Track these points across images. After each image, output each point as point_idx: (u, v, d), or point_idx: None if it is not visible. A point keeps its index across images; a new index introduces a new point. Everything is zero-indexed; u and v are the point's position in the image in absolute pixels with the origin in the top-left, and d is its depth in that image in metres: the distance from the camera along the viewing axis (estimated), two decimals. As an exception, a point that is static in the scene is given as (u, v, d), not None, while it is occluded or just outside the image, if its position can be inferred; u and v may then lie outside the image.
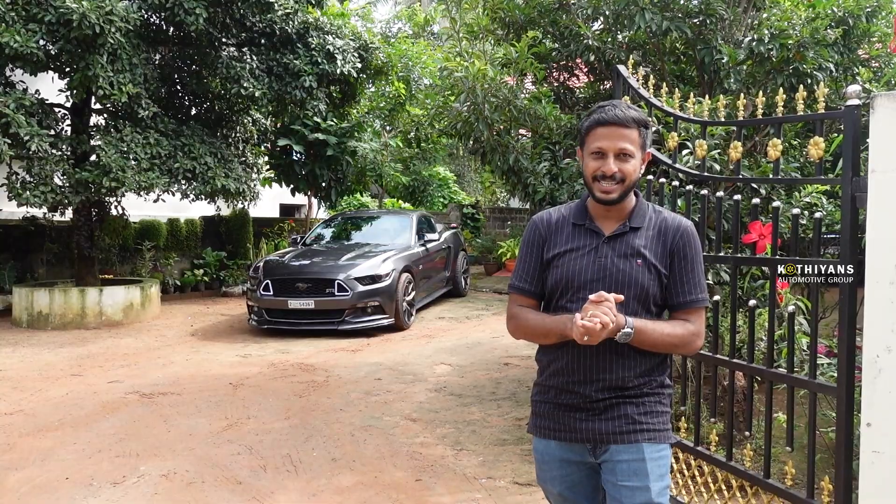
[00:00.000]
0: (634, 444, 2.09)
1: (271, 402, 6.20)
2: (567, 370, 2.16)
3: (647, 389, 2.14)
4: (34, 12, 8.40)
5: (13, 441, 5.16)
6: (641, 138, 2.13)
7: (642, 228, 2.15)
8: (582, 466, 2.20)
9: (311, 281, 9.43)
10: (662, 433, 2.14)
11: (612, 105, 2.14)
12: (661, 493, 2.11)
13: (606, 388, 2.11)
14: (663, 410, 2.17)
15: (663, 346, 2.09)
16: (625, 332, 1.99)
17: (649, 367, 2.14)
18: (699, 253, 2.17)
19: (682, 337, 2.10)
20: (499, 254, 16.47)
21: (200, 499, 4.14)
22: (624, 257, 2.12)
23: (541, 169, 5.53)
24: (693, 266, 2.14)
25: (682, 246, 2.14)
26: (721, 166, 4.47)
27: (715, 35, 5.44)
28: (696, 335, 2.12)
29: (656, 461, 2.11)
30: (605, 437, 2.11)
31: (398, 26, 22.29)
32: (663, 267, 2.13)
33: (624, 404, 2.11)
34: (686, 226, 2.17)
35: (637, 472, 2.08)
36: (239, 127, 12.30)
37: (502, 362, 7.73)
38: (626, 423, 2.10)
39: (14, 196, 9.02)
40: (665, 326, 2.09)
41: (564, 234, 2.22)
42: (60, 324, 9.95)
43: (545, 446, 2.24)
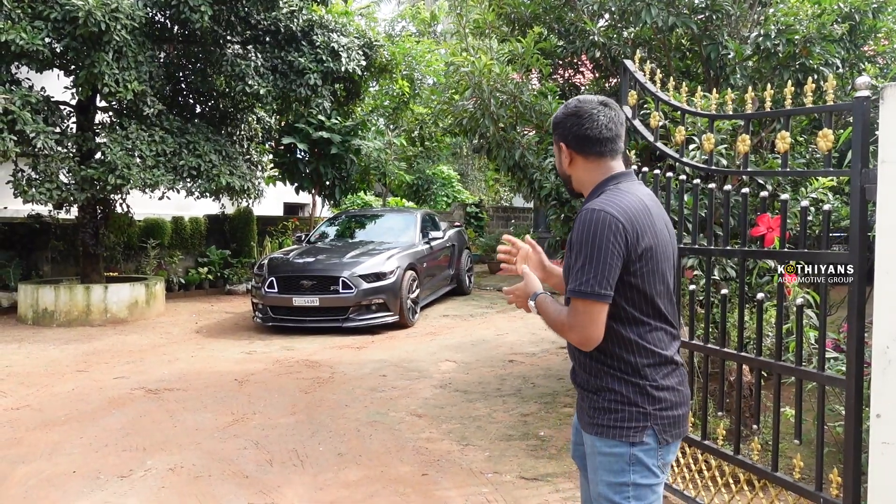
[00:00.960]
0: (588, 435, 2.16)
1: (277, 397, 6.20)
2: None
3: (599, 383, 2.10)
4: (40, 9, 8.43)
5: (20, 435, 5.17)
6: (554, 135, 2.27)
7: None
8: (581, 445, 2.29)
9: (315, 278, 9.44)
10: (613, 430, 2.06)
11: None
12: (613, 489, 2.06)
13: (574, 372, 2.24)
14: (618, 408, 2.07)
15: (549, 324, 2.14)
16: (529, 303, 2.20)
17: (591, 364, 2.12)
18: (587, 239, 1.99)
19: (560, 323, 2.07)
20: (503, 252, 16.44)
21: (207, 492, 4.15)
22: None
23: (547, 164, 5.53)
24: (577, 252, 2.02)
25: (574, 232, 2.05)
26: (728, 161, 4.47)
27: (721, 31, 5.44)
28: (567, 325, 2.03)
29: (607, 456, 2.08)
30: (580, 422, 2.23)
31: (401, 25, 22.30)
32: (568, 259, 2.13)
33: (582, 398, 2.20)
34: (582, 210, 2.05)
35: (591, 463, 2.16)
36: (243, 125, 12.32)
37: (507, 359, 7.73)
38: (583, 414, 2.19)
39: (20, 193, 9.04)
40: (556, 307, 2.12)
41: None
42: (66, 321, 9.97)
43: (574, 419, 2.39)
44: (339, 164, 14.49)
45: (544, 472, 4.40)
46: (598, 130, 2.12)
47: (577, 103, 2.16)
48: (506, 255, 2.47)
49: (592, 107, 2.13)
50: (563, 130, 2.17)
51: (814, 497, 3.02)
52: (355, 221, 12.49)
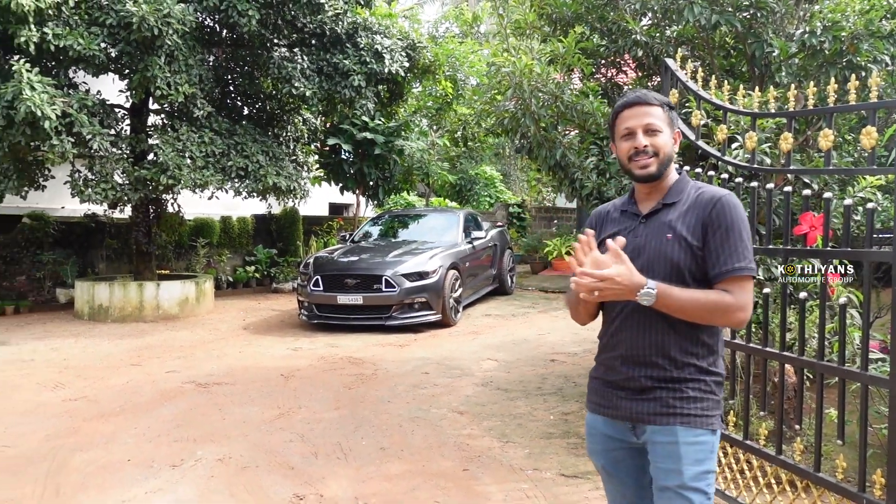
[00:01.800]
0: (668, 427, 2.11)
1: (321, 393, 6.33)
2: (610, 345, 2.24)
3: (686, 374, 2.12)
4: (96, 16, 8.72)
5: (78, 425, 5.39)
6: (667, 116, 2.22)
7: (678, 203, 2.19)
8: (624, 444, 2.24)
9: (359, 277, 9.57)
10: (700, 419, 2.11)
11: (632, 90, 2.28)
12: (698, 479, 2.08)
13: (643, 364, 2.15)
14: (703, 397, 2.12)
15: (693, 310, 2.04)
16: (645, 292, 1.99)
17: (689, 348, 2.13)
18: (738, 222, 2.09)
19: (715, 303, 2.03)
20: (545, 252, 16.44)
21: (255, 482, 4.28)
22: (656, 233, 2.17)
23: (588, 164, 5.55)
24: (729, 235, 2.08)
25: (715, 216, 2.09)
26: (772, 160, 4.44)
27: (766, 28, 5.39)
28: (735, 306, 2.04)
29: (692, 445, 2.09)
30: (642, 417, 2.15)
31: (445, 26, 22.40)
32: (695, 239, 2.11)
33: (660, 388, 2.13)
34: (721, 196, 2.13)
35: (671, 454, 2.10)
36: (290, 126, 12.54)
37: (548, 359, 7.76)
38: (660, 406, 2.12)
39: (77, 193, 9.36)
40: (695, 293, 2.05)
41: (613, 220, 2.32)
42: (120, 316, 10.30)
43: (593, 420, 2.32)
44: (383, 165, 14.64)
45: (584, 470, 4.43)
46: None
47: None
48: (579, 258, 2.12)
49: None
50: (672, 115, 2.25)
51: (857, 498, 3.00)
52: (398, 221, 12.61)
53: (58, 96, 8.23)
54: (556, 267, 16.21)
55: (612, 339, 2.23)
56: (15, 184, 9.28)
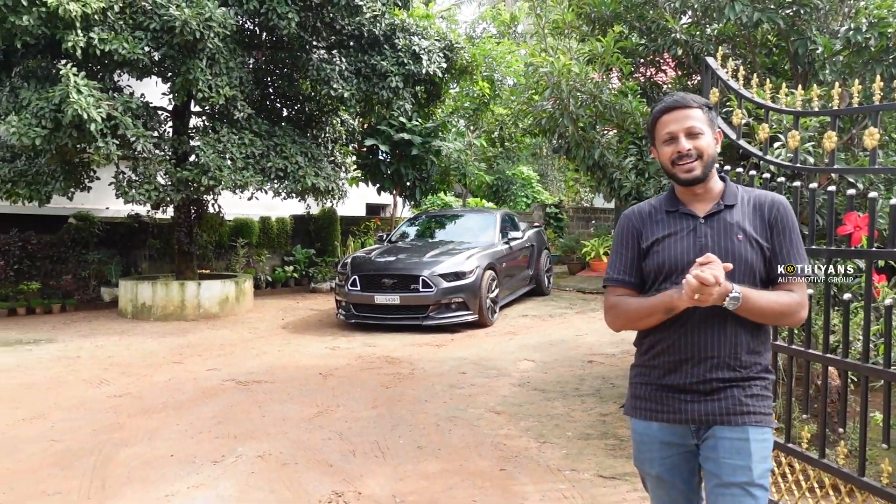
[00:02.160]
0: (740, 427, 2.12)
1: (359, 392, 6.39)
2: (674, 349, 2.18)
3: (753, 373, 2.16)
4: (140, 20, 8.91)
5: (122, 421, 5.51)
6: (707, 117, 2.22)
7: (737, 205, 2.20)
8: (682, 449, 2.22)
9: (396, 277, 9.63)
10: (767, 417, 2.16)
11: (671, 94, 2.27)
12: (763, 476, 2.11)
13: (715, 367, 2.14)
14: (767, 395, 2.18)
15: (771, 313, 2.11)
16: (732, 296, 2.01)
17: (755, 347, 2.16)
18: (796, 224, 2.21)
19: (788, 305, 2.12)
20: (583, 253, 16.35)
21: (294, 478, 4.34)
22: (724, 234, 2.17)
23: (626, 164, 5.52)
24: (791, 237, 2.18)
25: (779, 218, 2.18)
26: (815, 159, 4.36)
27: (809, 25, 5.30)
28: (800, 305, 2.14)
29: (760, 443, 2.12)
30: (712, 418, 2.14)
31: (482, 27, 22.40)
32: (764, 240, 2.17)
33: (731, 387, 2.14)
34: (780, 199, 2.22)
35: (740, 451, 2.10)
36: (328, 127, 12.66)
37: (586, 360, 7.71)
38: (732, 405, 2.13)
39: (121, 194, 9.58)
40: (770, 294, 2.12)
41: (659, 222, 2.28)
42: (162, 315, 10.51)
43: (645, 428, 2.26)
44: (420, 165, 14.69)
45: (623, 472, 4.40)
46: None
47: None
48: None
49: None
50: (712, 115, 2.26)
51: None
52: (435, 221, 12.65)
53: (103, 99, 8.43)
54: (594, 268, 16.09)
55: (680, 342, 2.17)
56: (62, 185, 9.54)
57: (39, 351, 8.20)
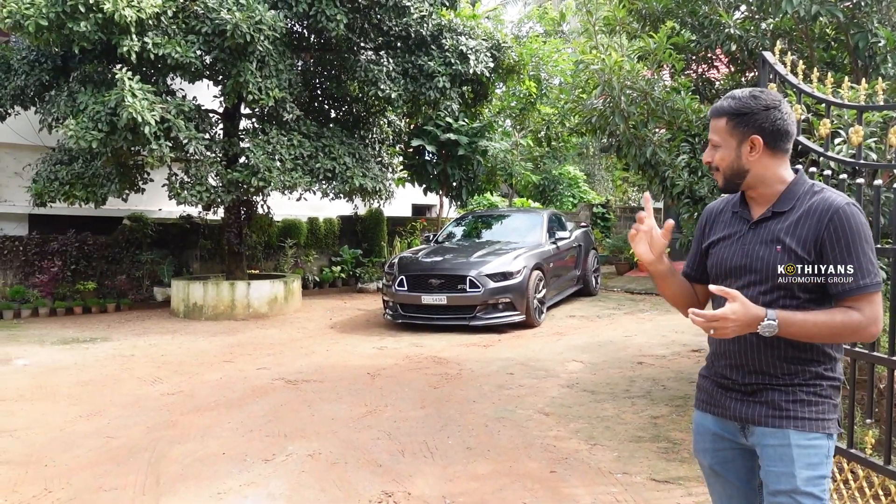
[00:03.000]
0: (780, 430, 2.06)
1: (407, 392, 6.39)
2: (718, 353, 2.22)
3: (799, 379, 2.07)
4: (193, 24, 9.08)
5: (175, 418, 5.60)
6: (730, 125, 2.11)
7: (788, 212, 2.09)
8: (734, 445, 2.21)
9: (443, 277, 9.62)
10: (814, 422, 2.05)
11: (723, 97, 2.19)
12: (811, 483, 2.02)
13: (753, 372, 2.12)
14: (818, 401, 2.07)
15: (820, 336, 1.98)
16: (766, 324, 1.93)
17: (799, 356, 2.07)
18: (858, 233, 1.99)
19: (843, 324, 1.96)
20: (630, 253, 16.12)
21: (344, 478, 4.35)
22: (764, 244, 2.10)
23: (679, 162, 5.41)
24: (850, 249, 1.99)
25: (833, 229, 2.00)
26: (878, 155, 4.21)
27: (870, 18, 5.13)
28: (864, 323, 1.97)
29: (805, 448, 2.04)
30: (751, 418, 2.11)
31: (528, 26, 22.28)
32: (806, 253, 2.02)
33: (771, 390, 2.09)
34: (837, 207, 2.01)
35: (783, 458, 2.05)
36: (375, 128, 12.74)
37: (636, 361, 7.59)
38: (771, 409, 2.08)
39: (174, 195, 9.77)
40: (819, 315, 1.98)
41: (724, 221, 2.27)
42: (213, 314, 10.69)
43: (701, 418, 2.30)
44: (466, 166, 14.67)
45: (676, 475, 4.31)
46: (793, 126, 2.13)
47: (774, 96, 2.12)
48: (639, 219, 2.25)
49: (784, 102, 2.13)
50: (761, 122, 2.09)
51: (977, 514, 2.81)
52: (482, 222, 12.61)
53: (157, 102, 8.61)
54: (642, 268, 15.83)
55: (721, 349, 2.19)
56: (117, 187, 9.77)
57: (95, 349, 8.40)
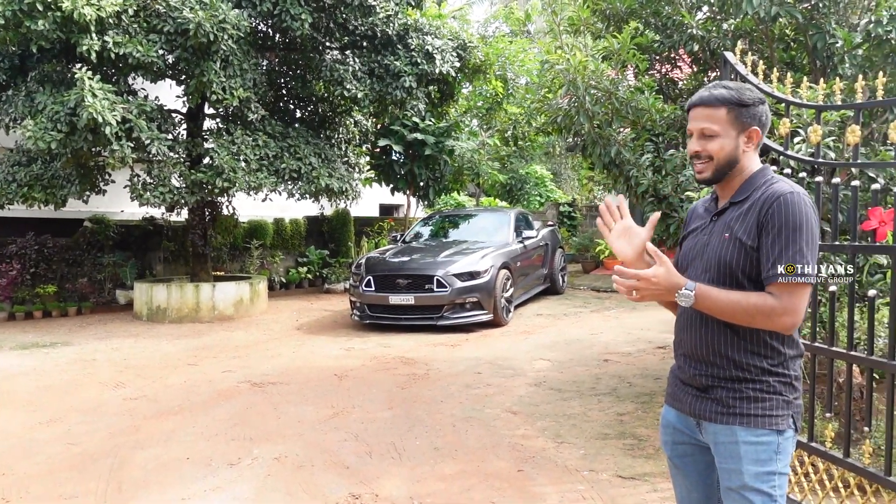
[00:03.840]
0: (728, 427, 2.09)
1: (374, 392, 6.36)
2: (676, 343, 2.28)
3: (746, 375, 2.08)
4: (154, 23, 8.93)
5: (138, 423, 5.51)
6: (732, 116, 2.11)
7: (741, 202, 2.13)
8: (692, 440, 2.24)
9: (410, 277, 9.61)
10: (761, 419, 2.06)
11: (705, 87, 2.18)
12: (760, 479, 2.03)
13: (703, 364, 2.15)
14: (765, 397, 2.07)
15: (733, 313, 1.99)
16: (683, 293, 1.99)
17: (748, 348, 2.08)
18: (794, 223, 1.99)
19: (755, 306, 1.97)
20: (596, 251, 16.27)
21: (311, 481, 4.32)
22: (717, 233, 2.15)
23: (643, 161, 5.46)
24: (780, 237, 1.99)
25: (769, 217, 2.01)
26: (836, 154, 4.29)
27: (828, 19, 5.23)
28: (778, 310, 1.97)
29: (752, 445, 2.05)
30: (704, 414, 2.15)
31: (495, 25, 22.34)
32: (751, 241, 2.05)
33: (719, 387, 2.12)
34: (779, 194, 2.02)
35: (732, 455, 2.08)
36: (341, 128, 12.66)
37: (602, 359, 7.66)
38: (720, 406, 2.11)
39: (136, 197, 9.61)
40: (734, 294, 2.00)
41: (698, 217, 2.34)
42: (177, 317, 10.54)
43: (666, 412, 2.35)
44: (433, 165, 14.67)
45: (642, 472, 4.35)
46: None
47: (760, 92, 2.17)
48: (605, 215, 2.29)
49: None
50: (759, 115, 2.13)
51: (931, 504, 2.88)
52: (449, 221, 12.61)
53: (118, 103, 8.46)
54: (608, 266, 16.01)
55: (678, 337, 2.26)
56: (77, 188, 9.57)
57: (56, 354, 8.23)
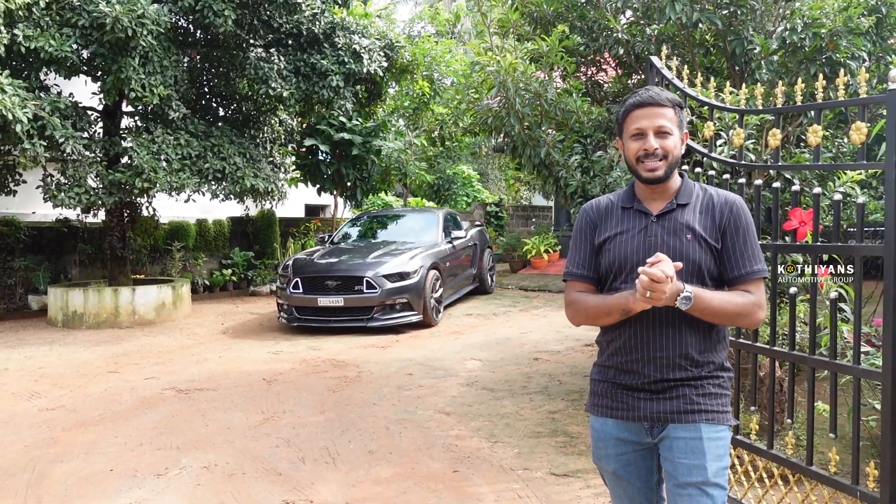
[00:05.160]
0: (692, 424, 2.12)
1: (305, 396, 6.26)
2: (626, 349, 2.19)
3: (706, 372, 2.15)
4: (68, 17, 8.55)
5: (57, 435, 5.27)
6: (677, 117, 2.21)
7: (690, 205, 2.19)
8: (637, 446, 2.23)
9: (340, 279, 9.51)
10: (721, 415, 2.14)
11: (645, 89, 2.23)
12: (719, 474, 2.10)
13: (666, 367, 2.14)
14: (721, 393, 2.17)
15: (724, 314, 2.08)
16: (684, 296, 2.00)
17: (707, 346, 2.15)
18: (751, 225, 2.17)
19: (743, 305, 2.09)
20: (524, 251, 16.47)
21: (242, 489, 4.21)
22: (673, 234, 2.16)
23: (572, 162, 5.55)
24: (746, 238, 2.15)
25: (732, 219, 2.15)
26: (755, 156, 4.46)
27: (746, 26, 5.43)
28: (757, 305, 2.11)
29: (714, 441, 2.12)
30: (664, 416, 2.15)
31: (420, 26, 22.33)
32: (714, 240, 2.14)
33: (682, 386, 2.14)
34: (734, 199, 2.19)
35: (695, 450, 2.10)
36: (266, 127, 12.43)
37: (532, 357, 7.75)
38: (684, 404, 2.13)
39: (49, 198, 9.19)
40: (725, 294, 2.11)
41: (614, 218, 2.27)
42: (95, 323, 10.12)
43: (602, 424, 2.28)
44: (361, 165, 14.56)
45: (574, 469, 4.42)
46: None
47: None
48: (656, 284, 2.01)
49: None
50: (682, 115, 2.25)
51: (851, 491, 3.01)
52: (377, 222, 12.54)
53: (29, 99, 8.07)
54: (535, 265, 16.24)
55: (630, 342, 2.18)
56: (-15, 189, 9.09)
57: (-37, 363, 7.80)
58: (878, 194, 5.00)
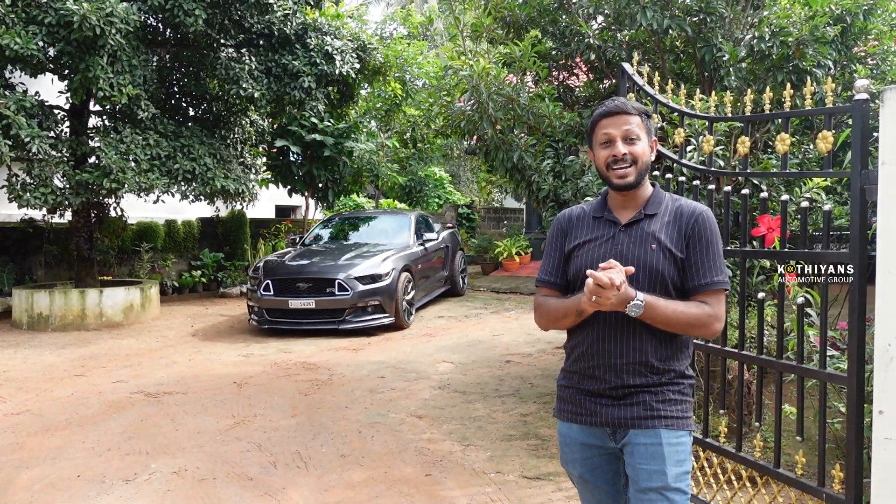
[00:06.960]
0: (652, 430, 2.15)
1: (277, 400, 6.22)
2: (588, 354, 2.22)
3: (666, 379, 2.18)
4: (34, 14, 8.40)
5: (22, 440, 5.17)
6: (645, 125, 2.25)
7: (658, 215, 2.22)
8: (602, 451, 2.26)
9: (311, 281, 9.46)
10: (681, 420, 2.17)
11: (612, 99, 2.29)
12: (679, 479, 2.14)
13: (625, 373, 2.17)
14: (682, 399, 2.20)
15: (677, 323, 2.10)
16: (634, 303, 2.02)
17: (667, 354, 2.17)
18: (716, 237, 2.19)
19: (697, 316, 2.10)
20: (495, 253, 16.52)
21: (213, 494, 4.17)
22: (639, 243, 2.19)
23: (544, 166, 5.58)
24: (708, 249, 2.17)
25: (697, 230, 2.17)
26: (724, 162, 4.52)
27: (715, 33, 5.50)
28: (713, 317, 2.12)
29: (674, 447, 2.15)
30: (624, 422, 2.18)
31: (392, 27, 22.30)
32: (678, 251, 2.17)
33: (642, 392, 2.17)
34: (701, 210, 2.21)
35: (654, 456, 2.13)
36: (237, 128, 12.30)
37: (504, 360, 7.78)
38: (643, 410, 2.16)
39: (14, 198, 9.01)
40: (679, 304, 2.12)
41: (585, 226, 2.31)
42: (61, 325, 9.95)
43: (568, 429, 2.31)
44: (332, 167, 14.50)
45: (546, 471, 4.45)
46: None
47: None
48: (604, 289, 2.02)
49: None
50: (649, 123, 2.28)
51: (817, 493, 3.07)
52: (349, 223, 12.50)
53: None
54: (507, 268, 16.29)
55: (592, 348, 2.21)
56: (-53, 188, 8.88)
57: (-76, 367, 7.62)
58: (843, 199, 5.11)
